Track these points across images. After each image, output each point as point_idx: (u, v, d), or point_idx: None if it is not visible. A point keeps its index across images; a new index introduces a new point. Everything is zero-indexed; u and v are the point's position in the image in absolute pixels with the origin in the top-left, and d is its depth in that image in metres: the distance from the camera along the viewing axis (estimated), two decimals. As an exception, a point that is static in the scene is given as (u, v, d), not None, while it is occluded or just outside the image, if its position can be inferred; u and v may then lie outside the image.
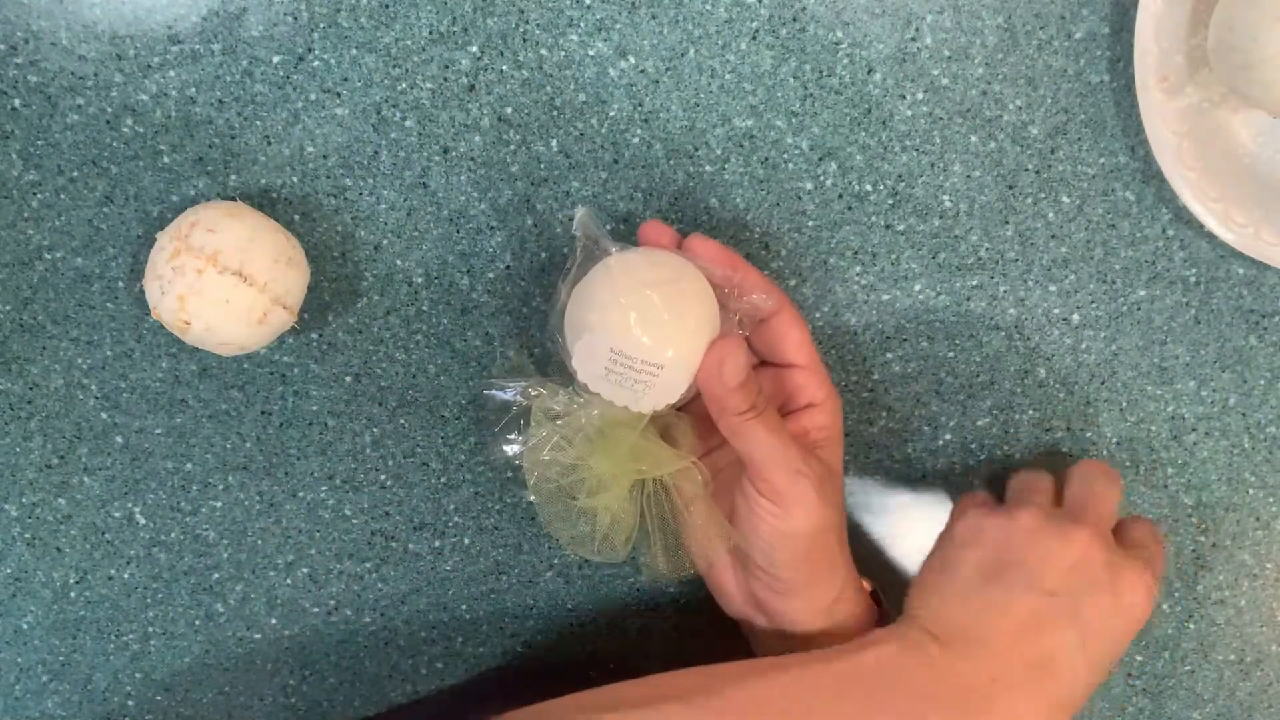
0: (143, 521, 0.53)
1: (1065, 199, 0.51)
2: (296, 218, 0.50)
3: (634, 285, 0.41)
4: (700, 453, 0.46)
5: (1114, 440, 0.54)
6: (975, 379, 0.53)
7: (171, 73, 0.48)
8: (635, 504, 0.44)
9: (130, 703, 0.55)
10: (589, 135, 0.49)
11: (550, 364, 0.45)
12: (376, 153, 0.49)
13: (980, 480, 0.55)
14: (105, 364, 0.51)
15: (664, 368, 0.41)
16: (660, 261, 0.43)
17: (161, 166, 0.49)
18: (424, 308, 0.51)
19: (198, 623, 0.55)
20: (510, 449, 0.45)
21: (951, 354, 0.53)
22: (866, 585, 0.48)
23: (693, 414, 0.45)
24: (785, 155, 0.50)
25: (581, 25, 0.48)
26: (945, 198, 0.51)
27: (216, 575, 0.54)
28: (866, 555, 0.55)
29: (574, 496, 0.44)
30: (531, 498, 0.45)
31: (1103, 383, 0.54)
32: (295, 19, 0.47)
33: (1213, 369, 0.54)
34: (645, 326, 0.41)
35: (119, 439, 0.52)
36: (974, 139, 0.50)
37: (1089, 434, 0.54)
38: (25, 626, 0.54)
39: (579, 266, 0.43)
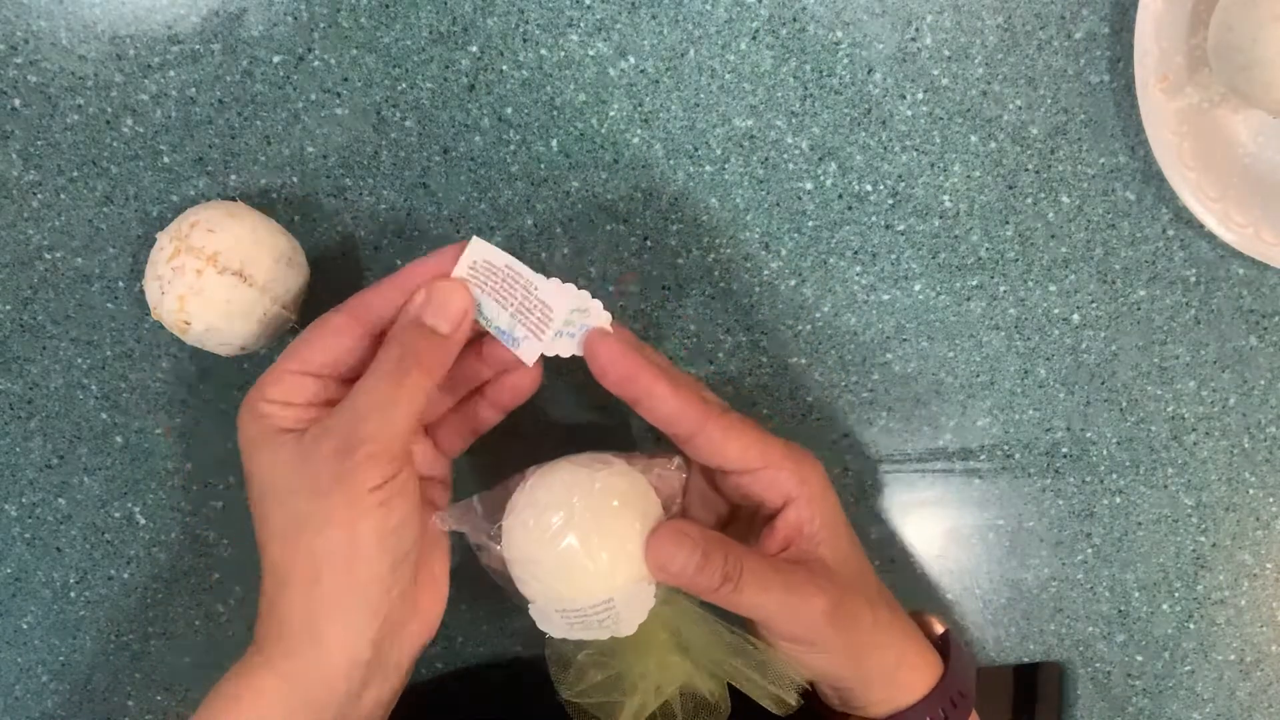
0: (143, 521, 0.53)
1: (1065, 199, 0.51)
2: (296, 218, 0.50)
3: (532, 550, 0.39)
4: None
5: (1114, 440, 0.54)
6: (975, 379, 0.53)
7: (171, 73, 0.48)
8: (690, 662, 0.41)
9: (130, 703, 0.55)
10: (589, 135, 0.49)
11: None
12: (376, 153, 0.49)
13: (981, 480, 0.55)
14: (105, 364, 0.51)
15: (614, 598, 0.39)
16: (545, 504, 0.39)
17: (161, 166, 0.49)
18: (424, 308, 0.51)
19: (198, 623, 0.54)
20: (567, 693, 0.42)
21: (951, 354, 0.53)
22: (938, 626, 0.46)
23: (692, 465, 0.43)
24: (785, 155, 0.50)
25: (581, 25, 0.48)
26: (945, 198, 0.51)
27: (216, 575, 0.54)
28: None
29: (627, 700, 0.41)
30: None
31: (1103, 383, 0.54)
32: (295, 19, 0.47)
33: (1213, 369, 0.54)
34: (569, 579, 0.38)
35: (119, 439, 0.52)
36: (974, 139, 0.50)
37: (1089, 434, 0.54)
38: (25, 626, 0.54)
39: (481, 554, 0.41)
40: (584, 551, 0.38)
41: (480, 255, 0.41)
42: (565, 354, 0.41)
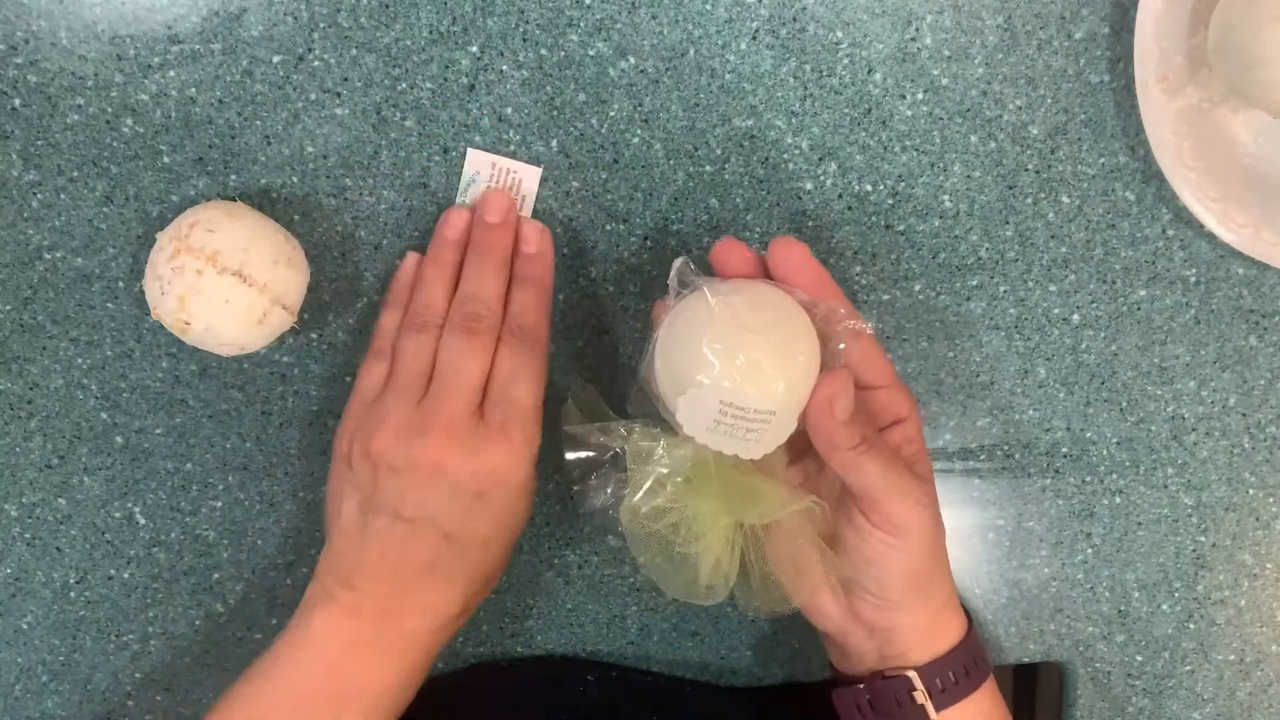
0: (143, 521, 0.53)
1: (1065, 199, 0.51)
2: (296, 218, 0.50)
3: (738, 333, 0.39)
4: (797, 479, 0.45)
5: (1114, 440, 0.54)
6: (975, 379, 0.53)
7: (171, 73, 0.48)
8: (736, 544, 0.42)
9: (130, 703, 0.55)
10: (589, 135, 0.49)
11: (629, 399, 0.43)
12: (376, 153, 0.49)
13: (981, 480, 0.55)
14: (105, 364, 0.51)
15: (776, 413, 0.40)
16: (761, 302, 0.41)
17: (161, 166, 0.49)
18: (424, 308, 0.51)
19: (198, 623, 0.55)
20: (599, 499, 0.43)
21: (951, 354, 0.53)
22: None
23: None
24: (785, 155, 0.50)
25: (581, 25, 0.48)
26: (945, 198, 0.51)
27: (216, 575, 0.54)
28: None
29: (672, 542, 0.41)
30: (614, 542, 0.42)
31: (1103, 383, 0.54)
32: (295, 19, 0.47)
33: (1213, 369, 0.54)
34: (756, 376, 0.39)
35: (119, 439, 0.52)
36: (974, 139, 0.50)
37: (1089, 434, 0.54)
38: (25, 626, 0.54)
39: (673, 316, 0.41)
40: (779, 360, 0.40)
41: (481, 161, 0.48)
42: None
